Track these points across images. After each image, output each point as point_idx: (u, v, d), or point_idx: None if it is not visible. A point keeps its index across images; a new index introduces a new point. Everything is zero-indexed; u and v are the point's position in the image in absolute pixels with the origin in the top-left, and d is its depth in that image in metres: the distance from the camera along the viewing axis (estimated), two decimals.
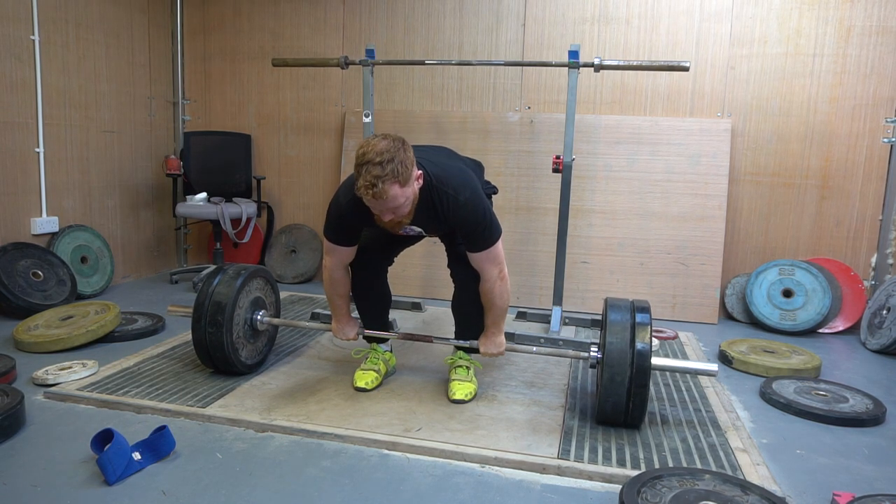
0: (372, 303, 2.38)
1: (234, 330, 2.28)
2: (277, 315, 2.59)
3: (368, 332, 2.36)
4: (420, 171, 1.94)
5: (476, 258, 2.07)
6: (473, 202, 2.00)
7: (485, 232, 2.03)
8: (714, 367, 2.07)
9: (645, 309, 2.05)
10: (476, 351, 2.27)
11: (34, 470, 1.69)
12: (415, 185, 1.90)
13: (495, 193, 2.41)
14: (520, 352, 2.30)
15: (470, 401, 2.22)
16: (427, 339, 2.34)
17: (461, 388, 2.23)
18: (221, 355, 2.27)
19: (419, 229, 2.16)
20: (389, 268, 2.41)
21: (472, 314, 2.25)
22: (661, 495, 1.58)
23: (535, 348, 2.27)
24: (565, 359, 2.71)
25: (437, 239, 2.37)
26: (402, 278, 3.77)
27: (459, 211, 1.99)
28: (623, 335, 1.97)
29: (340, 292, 2.27)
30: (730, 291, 3.63)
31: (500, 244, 2.07)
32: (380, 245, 2.32)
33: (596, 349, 2.09)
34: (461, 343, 2.29)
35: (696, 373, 2.13)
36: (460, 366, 2.33)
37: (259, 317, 2.42)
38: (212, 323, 2.24)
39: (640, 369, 1.92)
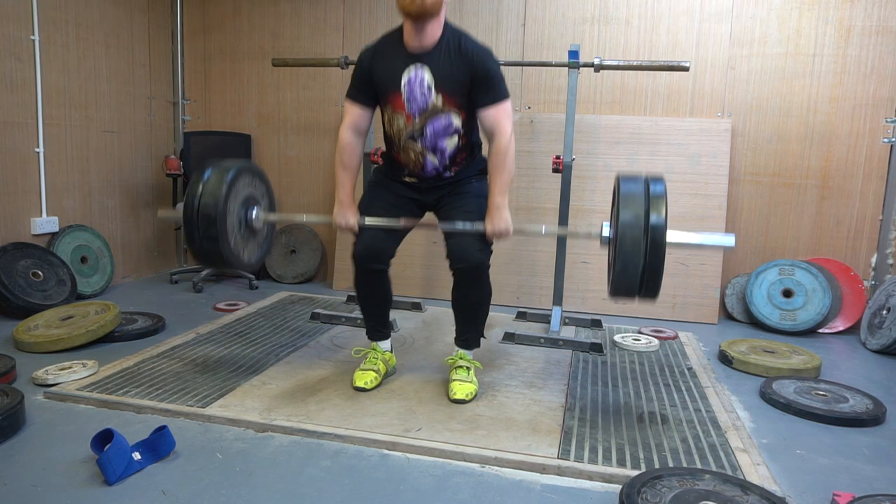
0: (374, 304, 2.38)
1: (230, 238, 2.19)
2: (272, 207, 2.48)
3: (370, 221, 2.23)
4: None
5: (492, 113, 2.16)
6: (491, 53, 2.19)
7: (500, 82, 2.16)
8: (730, 239, 1.99)
9: (660, 180, 1.95)
10: (482, 239, 2.15)
11: (34, 470, 1.69)
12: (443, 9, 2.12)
13: None
14: (528, 234, 2.17)
15: (471, 401, 2.22)
16: (431, 226, 2.28)
17: (462, 388, 2.23)
18: (223, 263, 2.24)
19: (430, 82, 2.15)
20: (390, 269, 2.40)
21: (472, 307, 2.28)
22: (661, 495, 1.58)
23: (543, 229, 2.29)
24: (565, 359, 2.72)
25: (436, 240, 2.36)
26: (402, 278, 3.77)
27: (480, 53, 2.15)
28: (637, 209, 1.87)
29: (346, 161, 2.27)
30: (730, 291, 3.63)
31: (510, 104, 2.19)
32: (382, 236, 2.26)
33: (607, 226, 2.04)
34: (468, 228, 2.15)
35: (712, 246, 2.05)
36: (460, 366, 2.32)
37: (254, 214, 2.32)
38: (206, 238, 2.15)
39: (656, 243, 1.83)
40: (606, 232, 2.05)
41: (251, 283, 3.96)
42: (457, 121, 2.22)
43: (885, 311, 3.13)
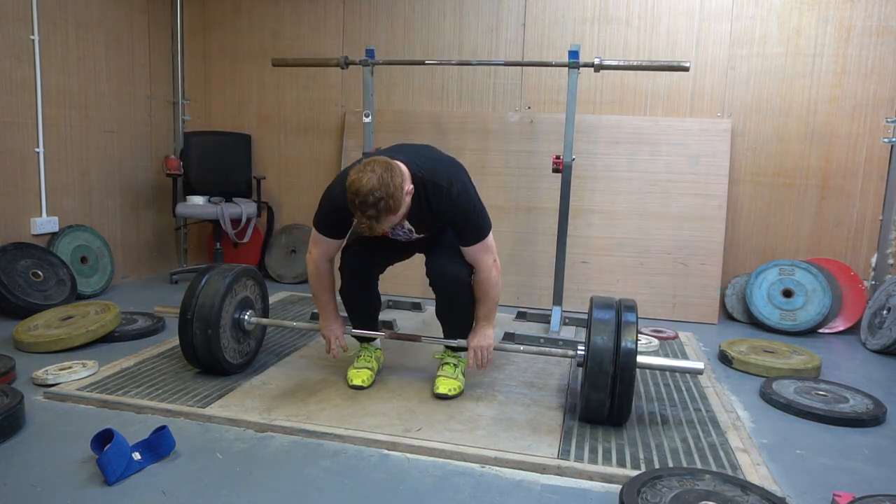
0: (361, 310, 2.37)
1: (220, 336, 2.28)
2: (266, 314, 2.59)
3: (356, 332, 2.35)
4: (410, 187, 1.93)
5: (471, 251, 2.12)
6: (465, 194, 2.05)
7: (478, 224, 2.09)
8: (700, 364, 2.05)
9: (631, 308, 2.05)
10: (465, 350, 2.27)
11: (34, 470, 1.69)
12: (406, 200, 1.92)
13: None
14: (508, 351, 2.33)
15: (454, 396, 2.24)
16: (415, 338, 2.34)
17: (444, 384, 2.25)
18: (210, 358, 2.28)
19: (410, 227, 2.14)
20: (381, 275, 2.39)
21: (457, 317, 2.28)
22: (661, 495, 1.58)
23: (521, 347, 2.30)
24: (565, 359, 2.71)
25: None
26: (402, 278, 3.76)
27: (452, 204, 2.02)
28: (608, 335, 1.97)
29: (325, 286, 2.26)
30: (730, 291, 3.63)
31: (491, 235, 2.13)
32: (371, 257, 2.29)
33: (582, 348, 2.09)
34: (450, 342, 2.29)
35: (682, 371, 2.11)
36: (447, 363, 2.35)
37: (246, 317, 2.41)
38: (200, 329, 2.24)
39: (626, 367, 1.93)
40: (582, 352, 2.10)
41: None
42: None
43: (885, 311, 3.13)
